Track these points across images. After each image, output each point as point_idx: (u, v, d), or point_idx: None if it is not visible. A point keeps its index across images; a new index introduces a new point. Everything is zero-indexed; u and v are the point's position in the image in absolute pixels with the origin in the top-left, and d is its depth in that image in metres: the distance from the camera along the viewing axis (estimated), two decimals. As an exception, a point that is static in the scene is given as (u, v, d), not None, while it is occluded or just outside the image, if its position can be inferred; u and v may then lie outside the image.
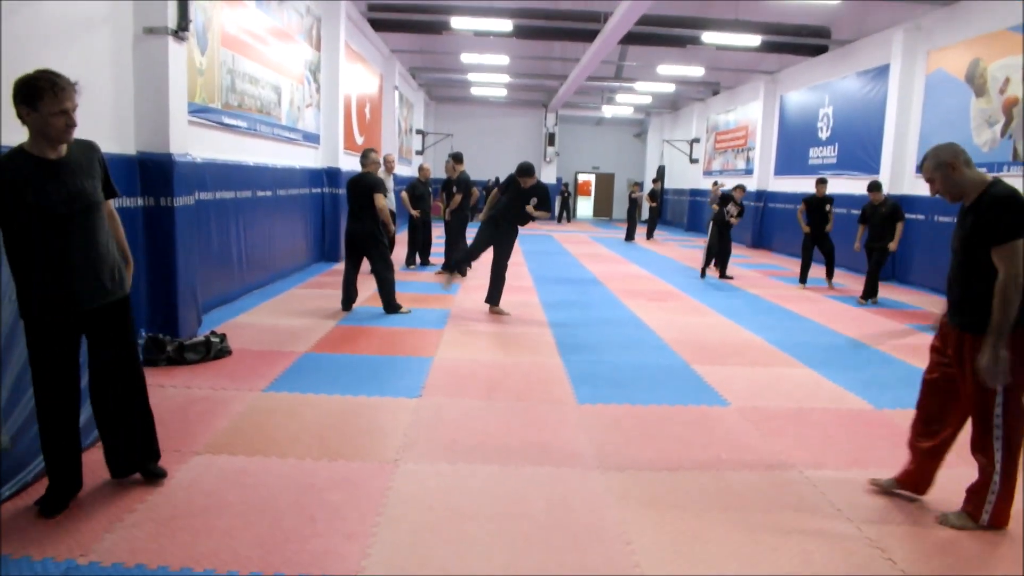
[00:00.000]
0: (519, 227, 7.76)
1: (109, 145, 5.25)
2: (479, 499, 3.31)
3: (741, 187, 11.87)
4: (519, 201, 7.55)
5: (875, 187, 9.59)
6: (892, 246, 9.31)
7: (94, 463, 3.49)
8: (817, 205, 10.76)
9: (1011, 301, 2.87)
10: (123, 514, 3.03)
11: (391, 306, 7.53)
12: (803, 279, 10.96)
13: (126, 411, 3.28)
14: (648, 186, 22.91)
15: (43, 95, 2.74)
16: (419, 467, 3.65)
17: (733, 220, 11.60)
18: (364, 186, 7.27)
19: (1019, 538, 3.14)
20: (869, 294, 9.58)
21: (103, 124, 5.22)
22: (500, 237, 7.67)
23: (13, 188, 2.75)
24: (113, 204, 3.28)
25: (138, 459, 3.33)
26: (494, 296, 7.80)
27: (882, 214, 9.38)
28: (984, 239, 2.96)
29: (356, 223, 7.38)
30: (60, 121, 2.79)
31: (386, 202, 7.39)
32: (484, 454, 3.86)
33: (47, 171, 2.83)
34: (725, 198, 11.71)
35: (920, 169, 3.24)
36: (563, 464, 3.79)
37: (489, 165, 25.70)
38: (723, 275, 11.56)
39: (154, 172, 5.65)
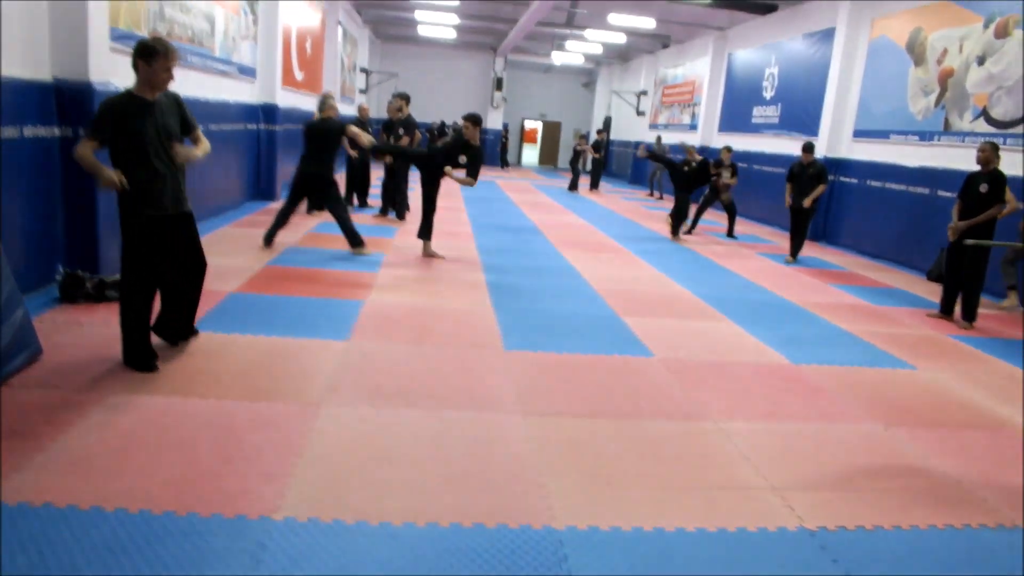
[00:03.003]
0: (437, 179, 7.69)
1: (20, 70, 4.97)
2: (400, 443, 3.35)
3: (728, 148, 12.18)
4: (455, 152, 7.47)
5: (808, 148, 9.81)
6: (806, 203, 9.55)
7: (3, 402, 3.40)
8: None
9: None
10: (33, 453, 2.96)
11: (355, 238, 7.56)
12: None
13: (191, 294, 4.32)
14: (593, 137, 22.86)
15: (157, 56, 3.70)
16: (342, 410, 3.66)
17: (730, 181, 11.87)
18: (327, 131, 7.36)
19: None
20: (796, 252, 9.87)
21: (13, 45, 4.91)
22: (431, 183, 7.68)
23: (123, 118, 3.70)
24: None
25: (188, 331, 4.41)
26: (426, 232, 7.82)
27: (809, 174, 9.61)
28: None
29: (313, 166, 7.43)
30: (166, 76, 3.77)
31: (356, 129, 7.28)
32: (408, 399, 3.89)
33: (146, 109, 3.77)
34: (718, 163, 11.78)
35: None
36: (485, 409, 3.85)
37: (434, 108, 25.28)
38: (731, 233, 11.88)
39: (72, 100, 5.37)
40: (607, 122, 27.50)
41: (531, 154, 34.49)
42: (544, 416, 3.83)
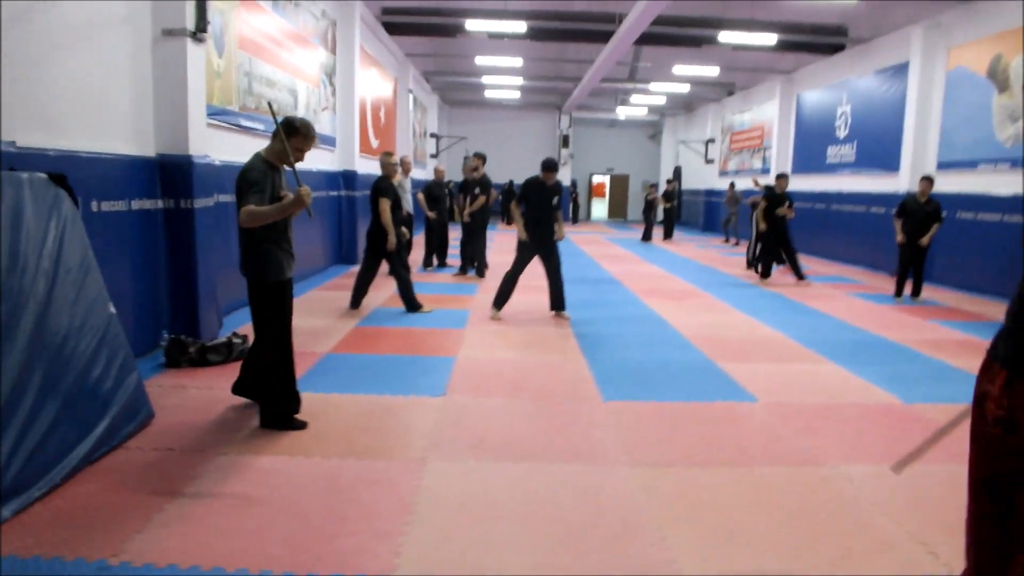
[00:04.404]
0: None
1: (128, 147, 5.26)
2: (509, 498, 3.26)
3: (783, 175, 11.24)
4: (547, 200, 7.28)
5: (929, 179, 9.27)
6: (924, 241, 9.18)
7: (121, 464, 3.48)
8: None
9: None
10: (152, 514, 3.00)
11: (412, 304, 7.55)
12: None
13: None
14: (663, 187, 22.84)
15: (296, 134, 3.91)
16: (447, 466, 3.61)
17: (787, 213, 10.89)
18: (373, 189, 7.42)
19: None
20: (917, 291, 9.57)
21: (122, 126, 5.23)
22: (545, 248, 7.35)
23: (271, 183, 3.86)
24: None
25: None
26: (560, 301, 7.58)
27: (927, 212, 9.18)
28: None
29: (372, 223, 7.49)
30: (299, 155, 3.98)
31: (388, 207, 7.29)
32: (512, 452, 3.81)
33: (278, 175, 3.96)
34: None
35: None
36: (592, 461, 3.73)
37: (503, 168, 25.68)
38: (799, 276, 10.89)
39: (174, 174, 5.65)
40: (677, 171, 27.43)
41: (600, 208, 34.55)
42: (654, 467, 3.68)
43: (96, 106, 4.91)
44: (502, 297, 7.49)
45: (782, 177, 11.08)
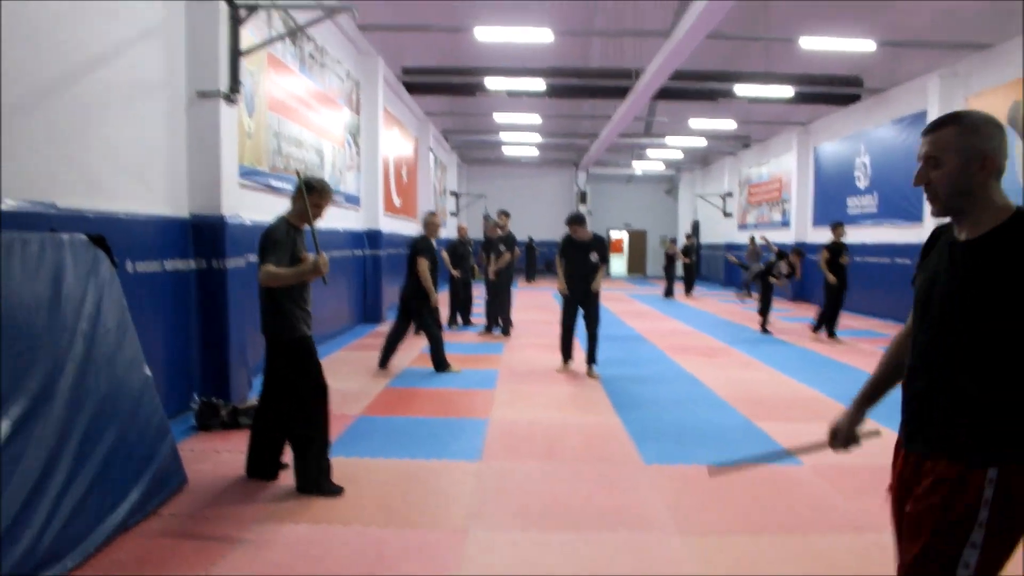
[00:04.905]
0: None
1: (163, 208, 5.29)
2: (559, 569, 3.12)
3: (798, 251, 11.92)
4: (585, 256, 7.36)
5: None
6: None
7: (156, 532, 3.37)
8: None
9: None
10: (189, 588, 2.88)
11: (441, 364, 7.47)
12: None
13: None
14: (682, 242, 22.85)
15: (313, 191, 3.99)
16: (491, 535, 3.47)
17: (778, 282, 11.40)
18: (412, 248, 7.44)
19: None
20: None
21: (158, 187, 5.27)
22: (583, 301, 7.47)
23: (293, 244, 3.93)
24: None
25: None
26: (594, 355, 7.58)
27: None
28: (1001, 297, 1.66)
29: (408, 282, 7.49)
30: (316, 211, 4.04)
31: (427, 267, 7.31)
32: (556, 520, 3.66)
33: (300, 236, 4.03)
34: (781, 254, 11.52)
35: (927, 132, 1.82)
36: (640, 528, 3.58)
37: (522, 225, 25.81)
38: (763, 328, 11.25)
39: (206, 234, 5.66)
40: (695, 226, 27.45)
41: (618, 264, 34.56)
42: (704, 535, 3.53)
43: (133, 168, 4.96)
44: (565, 350, 7.78)
45: (839, 225, 10.87)
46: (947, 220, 1.84)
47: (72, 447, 3.14)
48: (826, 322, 10.67)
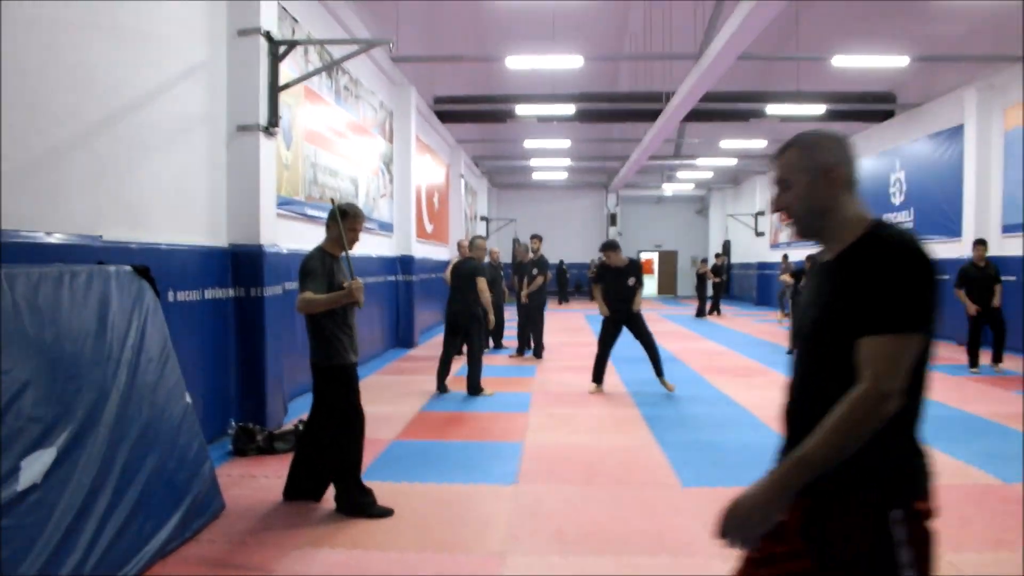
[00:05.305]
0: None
1: (203, 238, 5.41)
2: (598, 594, 3.09)
3: (811, 257, 11.52)
4: (622, 281, 7.60)
5: (983, 243, 9.17)
6: (996, 302, 8.94)
7: (195, 557, 3.41)
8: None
9: (854, 433, 1.51)
10: (230, 614, 2.90)
11: (476, 387, 7.54)
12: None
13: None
14: (712, 262, 22.74)
15: (346, 216, 4.08)
16: (529, 560, 3.45)
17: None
18: (468, 269, 7.62)
19: None
20: (998, 356, 9.24)
21: (199, 218, 5.39)
22: (632, 323, 7.69)
23: (330, 273, 4.03)
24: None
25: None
26: (659, 367, 7.82)
27: (989, 275, 9.01)
28: (852, 318, 1.58)
29: (459, 304, 7.64)
30: (352, 235, 4.13)
31: (487, 285, 7.62)
32: (595, 545, 3.63)
33: (337, 264, 4.13)
34: (797, 274, 11.36)
35: (776, 158, 1.82)
36: (681, 554, 3.53)
37: (553, 249, 25.83)
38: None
39: (245, 263, 5.77)
40: (726, 246, 27.24)
41: (649, 284, 34.36)
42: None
43: (176, 200, 5.09)
44: (598, 372, 7.83)
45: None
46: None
47: (115, 473, 3.20)
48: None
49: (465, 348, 8.09)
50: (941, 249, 13.06)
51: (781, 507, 1.54)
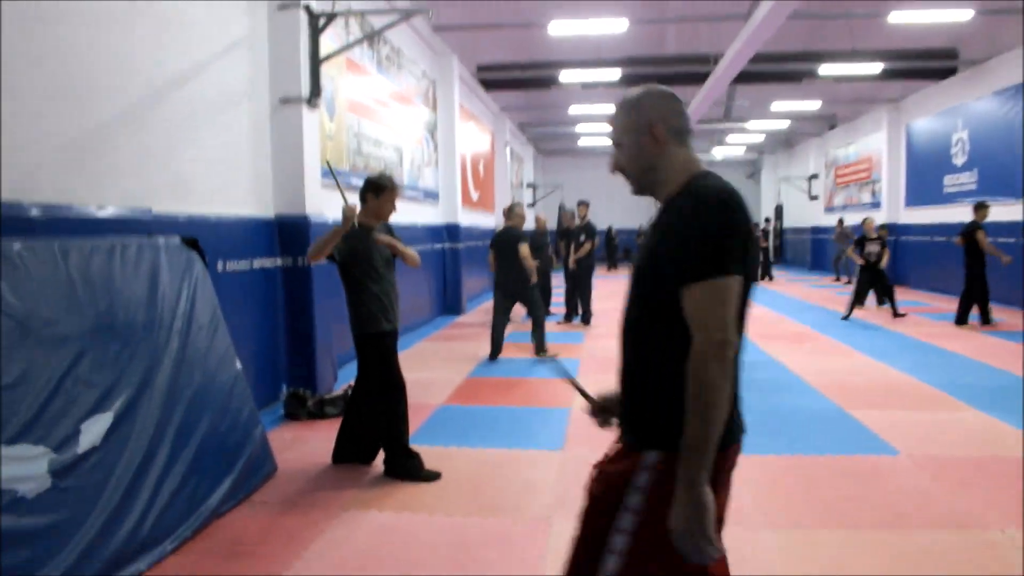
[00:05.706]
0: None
1: (250, 209, 5.48)
2: (642, 559, 3.08)
3: (868, 220, 11.27)
4: None
5: None
6: None
7: (247, 519, 3.50)
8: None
9: (714, 391, 1.52)
10: (280, 571, 2.98)
11: (543, 347, 7.76)
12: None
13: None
14: (763, 226, 22.24)
15: (384, 191, 4.13)
16: (575, 525, 3.44)
17: (880, 263, 10.80)
18: (511, 237, 7.70)
19: None
20: None
21: (244, 189, 5.46)
22: None
23: (357, 243, 4.01)
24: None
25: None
26: None
27: None
28: (667, 269, 1.59)
29: (508, 273, 7.71)
30: (390, 207, 4.16)
31: (528, 249, 7.67)
32: (640, 510, 3.62)
33: (370, 236, 4.06)
34: (860, 241, 10.97)
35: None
36: (729, 522, 3.48)
37: (600, 215, 25.57)
38: (895, 313, 10.74)
39: (292, 233, 5.84)
40: (778, 210, 26.61)
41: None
42: (795, 529, 3.42)
43: (222, 172, 5.16)
44: None
45: (984, 206, 9.88)
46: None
47: (169, 437, 3.31)
48: (981, 306, 9.87)
49: (525, 314, 8.17)
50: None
51: (705, 500, 1.53)
